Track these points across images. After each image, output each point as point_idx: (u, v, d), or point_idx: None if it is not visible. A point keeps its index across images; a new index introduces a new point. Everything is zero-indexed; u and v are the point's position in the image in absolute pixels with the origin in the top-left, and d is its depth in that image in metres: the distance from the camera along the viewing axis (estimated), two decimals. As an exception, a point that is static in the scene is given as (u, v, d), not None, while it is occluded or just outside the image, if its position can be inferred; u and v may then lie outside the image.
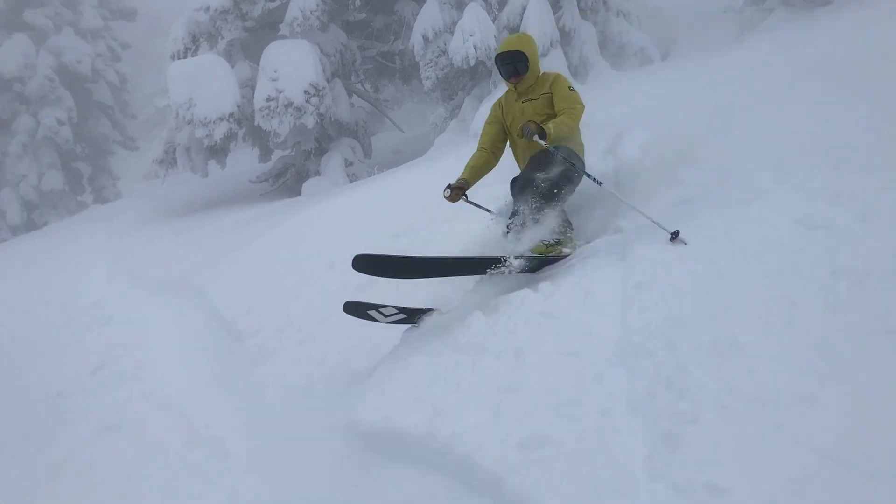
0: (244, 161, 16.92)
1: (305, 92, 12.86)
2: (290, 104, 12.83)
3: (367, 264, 4.35)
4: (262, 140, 14.88)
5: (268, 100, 12.90)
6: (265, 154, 15.38)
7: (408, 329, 4.59)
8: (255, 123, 13.33)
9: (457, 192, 4.87)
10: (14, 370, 6.79)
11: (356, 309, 4.62)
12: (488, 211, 5.16)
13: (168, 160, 14.83)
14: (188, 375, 5.69)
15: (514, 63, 4.86)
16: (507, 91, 5.12)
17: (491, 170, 5.07)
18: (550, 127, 4.39)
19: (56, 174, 23.01)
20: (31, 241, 17.45)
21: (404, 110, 19.68)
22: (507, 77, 4.93)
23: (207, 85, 13.27)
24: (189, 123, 13.46)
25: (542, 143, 4.36)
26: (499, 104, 5.13)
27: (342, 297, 5.51)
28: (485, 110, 11.11)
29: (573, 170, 4.59)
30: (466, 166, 5.00)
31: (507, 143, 5.14)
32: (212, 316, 6.95)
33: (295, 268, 7.07)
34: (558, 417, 2.91)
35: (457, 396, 3.36)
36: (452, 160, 8.76)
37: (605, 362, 3.10)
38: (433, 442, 3.15)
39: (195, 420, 4.84)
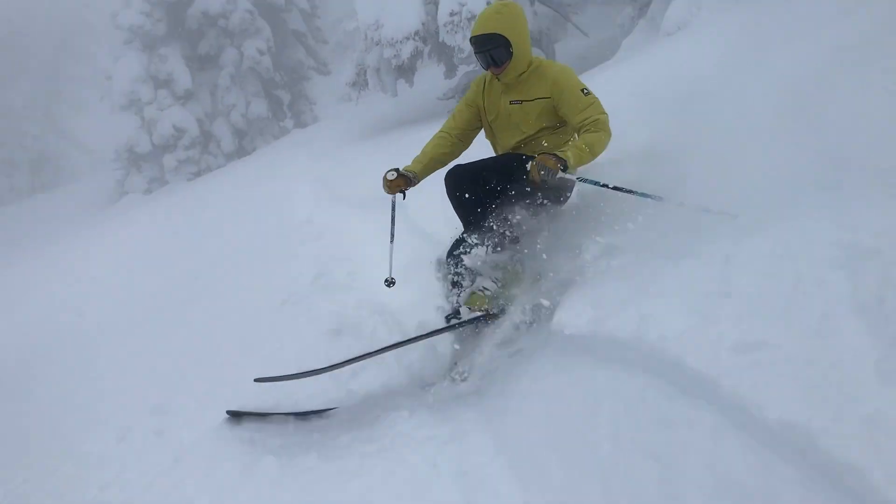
0: (431, 79, 17.21)
1: (488, 2, 12.74)
2: (473, 17, 12.77)
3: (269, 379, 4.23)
4: (447, 56, 15.05)
5: (451, 14, 12.93)
6: (450, 70, 15.57)
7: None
8: (440, 40, 13.45)
9: (400, 181, 4.14)
10: (245, 278, 7.58)
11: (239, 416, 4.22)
12: (391, 235, 4.48)
13: (360, 82, 15.46)
14: (397, 283, 6.08)
15: (488, 51, 3.80)
16: (490, 75, 4.09)
17: (455, 159, 4.31)
18: (570, 156, 3.54)
19: (260, 102, 24.79)
20: (244, 166, 19.06)
21: (588, 14, 18.85)
22: (486, 67, 3.93)
23: (393, 5, 13.54)
24: (377, 45, 13.87)
25: (573, 177, 3.61)
26: (481, 85, 4.18)
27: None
28: (674, 12, 10.34)
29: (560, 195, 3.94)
30: (423, 153, 4.27)
31: (482, 131, 4.35)
32: (412, 228, 7.30)
33: (488, 180, 7.20)
34: (774, 321, 2.82)
35: (663, 301, 3.34)
36: (643, 64, 8.42)
37: (827, 264, 2.94)
38: (641, 345, 3.17)
39: (407, 325, 5.22)
